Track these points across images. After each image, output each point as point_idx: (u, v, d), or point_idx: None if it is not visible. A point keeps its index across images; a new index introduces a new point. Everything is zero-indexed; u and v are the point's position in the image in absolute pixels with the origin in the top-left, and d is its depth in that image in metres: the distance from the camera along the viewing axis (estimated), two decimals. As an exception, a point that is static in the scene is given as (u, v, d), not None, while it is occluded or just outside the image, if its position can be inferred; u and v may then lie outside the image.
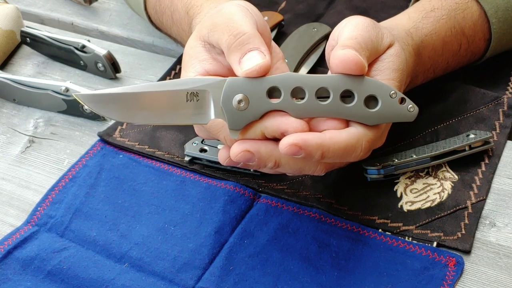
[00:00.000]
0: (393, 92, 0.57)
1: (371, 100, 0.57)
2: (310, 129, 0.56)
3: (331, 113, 0.56)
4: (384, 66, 0.60)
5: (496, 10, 0.73)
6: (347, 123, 0.57)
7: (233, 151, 0.57)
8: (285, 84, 0.56)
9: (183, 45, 0.79)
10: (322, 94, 0.56)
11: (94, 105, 0.57)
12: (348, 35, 0.58)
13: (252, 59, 0.56)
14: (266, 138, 0.57)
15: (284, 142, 0.54)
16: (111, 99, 0.57)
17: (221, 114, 0.57)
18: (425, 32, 0.69)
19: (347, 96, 0.57)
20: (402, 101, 0.58)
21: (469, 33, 0.73)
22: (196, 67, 0.60)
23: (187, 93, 0.57)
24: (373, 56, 0.60)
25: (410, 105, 0.58)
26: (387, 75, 0.59)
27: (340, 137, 0.56)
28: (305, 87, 0.56)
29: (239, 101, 0.56)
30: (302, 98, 0.56)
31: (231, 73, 0.59)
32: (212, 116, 0.57)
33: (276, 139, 0.57)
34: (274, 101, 0.56)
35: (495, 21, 0.73)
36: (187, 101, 0.57)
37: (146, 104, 0.57)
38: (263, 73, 0.56)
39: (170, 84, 0.57)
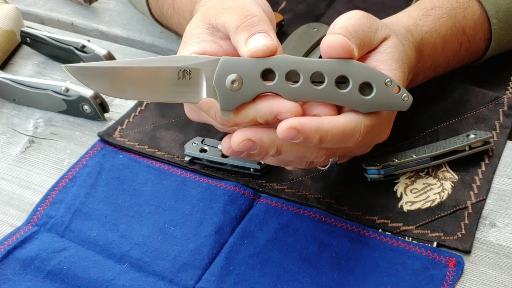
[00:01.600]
0: (388, 80, 0.56)
1: (366, 87, 0.56)
2: (302, 113, 0.56)
3: (325, 98, 0.56)
4: (384, 57, 0.60)
5: (497, 10, 0.73)
6: (339, 109, 0.57)
7: (234, 140, 0.56)
8: (280, 66, 0.55)
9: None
10: (316, 79, 0.56)
11: (83, 78, 0.56)
12: (339, 25, 0.58)
13: (260, 40, 0.55)
14: (257, 122, 0.56)
15: (282, 126, 0.54)
16: (101, 72, 0.56)
17: (213, 93, 0.56)
18: (425, 29, 0.69)
19: (342, 82, 0.56)
20: (397, 89, 0.57)
21: (469, 32, 0.73)
22: (194, 46, 0.59)
23: (180, 70, 0.56)
24: (366, 47, 0.59)
25: (405, 94, 0.57)
26: (389, 65, 0.59)
27: (338, 121, 0.56)
28: (300, 71, 0.55)
29: (233, 81, 0.55)
30: (297, 82, 0.55)
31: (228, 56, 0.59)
32: (204, 95, 0.56)
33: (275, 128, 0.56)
34: (268, 83, 0.55)
35: (496, 22, 0.73)
36: (179, 79, 0.56)
37: (137, 79, 0.56)
38: (269, 55, 0.55)
39: (163, 60, 0.56)
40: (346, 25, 0.58)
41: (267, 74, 0.55)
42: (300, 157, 0.58)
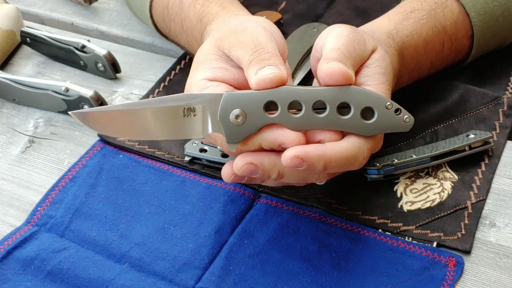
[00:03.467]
0: (389, 103, 0.58)
1: (367, 112, 0.57)
2: (307, 141, 0.57)
3: (327, 125, 0.57)
4: (371, 71, 0.61)
5: (475, 3, 0.73)
6: (342, 133, 0.58)
7: (236, 165, 0.57)
8: (282, 97, 0.56)
9: (192, 53, 0.79)
10: (318, 106, 0.57)
11: (91, 123, 0.57)
12: (331, 47, 0.59)
13: (267, 70, 0.56)
14: (264, 150, 0.57)
15: (286, 155, 0.55)
16: (107, 116, 0.57)
17: (219, 128, 0.57)
18: (406, 33, 0.70)
19: (343, 107, 0.57)
20: (398, 111, 0.58)
21: (451, 31, 0.73)
22: (206, 73, 0.60)
23: (184, 108, 0.57)
24: (359, 63, 0.60)
25: (406, 116, 0.58)
26: (376, 79, 0.60)
27: (341, 147, 0.57)
28: (301, 101, 0.56)
29: (237, 116, 0.56)
30: (299, 110, 0.56)
31: (239, 84, 0.60)
32: (210, 130, 0.58)
33: (277, 151, 0.57)
34: (271, 114, 0.56)
35: (475, 14, 0.73)
36: (184, 117, 0.57)
37: (143, 120, 0.57)
38: (276, 84, 0.56)
39: (167, 100, 0.57)
40: (338, 47, 0.58)
41: (270, 105, 0.56)
42: (302, 179, 0.59)
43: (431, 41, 0.72)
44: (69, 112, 0.58)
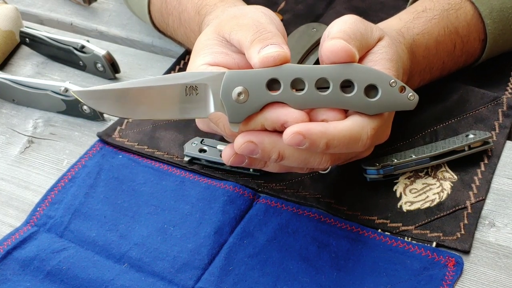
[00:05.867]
0: (392, 81, 0.57)
1: (371, 89, 0.57)
2: (310, 120, 0.56)
3: (331, 103, 0.56)
4: (377, 57, 0.60)
5: (491, 11, 0.73)
6: (346, 113, 0.57)
7: (236, 143, 0.57)
8: (284, 75, 0.55)
9: (189, 47, 0.79)
10: (321, 85, 0.56)
11: (92, 102, 0.57)
12: (336, 29, 0.59)
13: (271, 48, 0.56)
14: (266, 131, 0.57)
15: (288, 132, 0.54)
16: (109, 95, 0.56)
17: (221, 107, 0.56)
18: (416, 31, 0.69)
19: (346, 86, 0.56)
20: (402, 89, 0.57)
21: (463, 32, 0.73)
22: (207, 57, 0.60)
23: (186, 87, 0.56)
24: (364, 48, 0.60)
25: (410, 93, 0.58)
26: (382, 65, 0.60)
27: (345, 125, 0.56)
28: (304, 78, 0.55)
29: (239, 94, 0.55)
30: (302, 89, 0.56)
31: (240, 69, 0.59)
32: (212, 109, 0.57)
33: (278, 132, 0.56)
34: (274, 93, 0.56)
35: (490, 22, 0.73)
36: (186, 95, 0.57)
37: (145, 99, 0.56)
38: (280, 62, 0.55)
39: (169, 78, 0.57)
40: (343, 29, 0.58)
41: (273, 84, 0.56)
42: (303, 162, 0.58)
43: (443, 41, 0.71)
44: (71, 91, 0.57)
